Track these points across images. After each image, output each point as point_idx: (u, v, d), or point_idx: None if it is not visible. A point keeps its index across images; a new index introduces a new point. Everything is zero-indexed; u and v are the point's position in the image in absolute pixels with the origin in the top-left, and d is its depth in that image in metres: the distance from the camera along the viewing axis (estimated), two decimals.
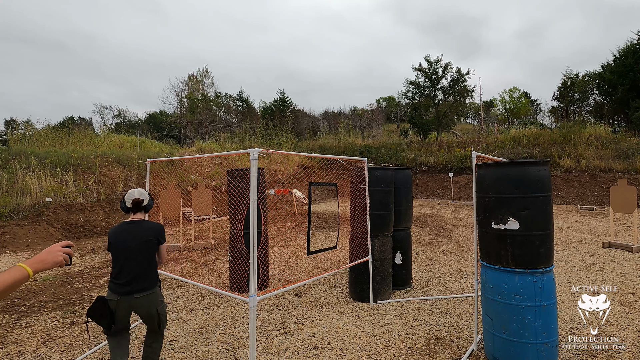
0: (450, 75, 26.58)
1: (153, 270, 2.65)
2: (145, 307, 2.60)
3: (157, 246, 2.66)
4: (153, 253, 2.64)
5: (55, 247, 1.48)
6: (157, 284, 2.70)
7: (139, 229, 2.60)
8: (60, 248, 1.47)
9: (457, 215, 12.43)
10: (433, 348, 3.35)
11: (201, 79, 33.80)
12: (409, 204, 5.19)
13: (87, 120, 33.91)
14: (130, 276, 2.53)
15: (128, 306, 2.57)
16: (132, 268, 2.53)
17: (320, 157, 4.26)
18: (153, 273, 2.65)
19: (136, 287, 2.54)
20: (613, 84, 22.22)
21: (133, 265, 2.54)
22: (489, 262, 3.07)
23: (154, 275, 2.66)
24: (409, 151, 22.59)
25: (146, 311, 2.62)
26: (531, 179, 2.87)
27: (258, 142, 23.53)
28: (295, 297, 4.76)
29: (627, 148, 16.08)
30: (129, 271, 2.53)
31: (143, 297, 2.57)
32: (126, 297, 2.52)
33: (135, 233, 2.58)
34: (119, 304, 2.54)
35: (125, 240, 2.55)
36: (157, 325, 2.70)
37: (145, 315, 2.64)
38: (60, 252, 1.46)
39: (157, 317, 2.67)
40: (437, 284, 5.25)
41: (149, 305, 2.61)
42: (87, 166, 12.44)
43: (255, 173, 2.73)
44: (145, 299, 2.58)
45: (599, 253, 6.73)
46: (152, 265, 2.63)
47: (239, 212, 4.72)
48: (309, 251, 3.82)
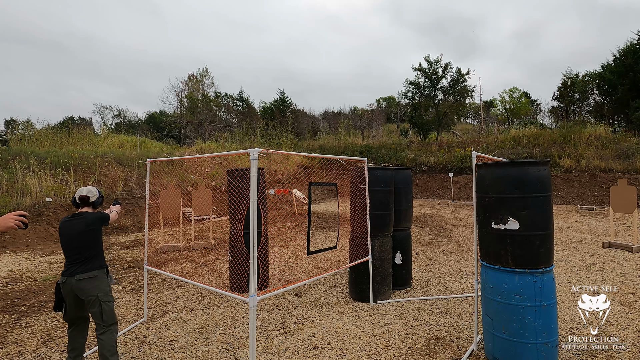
0: (450, 75, 26.57)
1: (94, 255, 2.86)
2: (86, 291, 2.75)
3: (98, 231, 2.91)
4: (93, 239, 2.86)
5: (9, 215, 1.74)
6: (101, 270, 2.87)
7: (78, 219, 2.86)
8: (12, 216, 1.72)
9: (457, 215, 12.43)
10: (433, 348, 3.35)
11: (201, 79, 33.78)
12: (409, 204, 5.19)
13: (87, 120, 33.89)
14: (71, 260, 2.80)
15: (71, 289, 2.78)
16: (73, 253, 2.81)
17: (320, 157, 4.26)
18: (94, 258, 2.85)
19: (78, 269, 2.77)
20: (613, 84, 22.21)
21: (74, 251, 2.81)
22: (489, 262, 3.07)
23: (96, 260, 2.86)
24: (409, 151, 22.59)
25: (87, 295, 2.76)
26: (531, 179, 2.87)
27: (258, 142, 23.53)
28: (295, 297, 4.76)
29: (627, 148, 16.07)
30: (70, 256, 2.81)
31: (84, 281, 2.76)
32: (69, 278, 2.76)
33: (75, 222, 2.85)
34: (64, 286, 2.79)
35: (67, 229, 2.84)
36: (100, 315, 2.77)
37: (87, 301, 2.78)
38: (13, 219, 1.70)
39: (98, 304, 2.77)
40: (437, 284, 5.25)
41: (90, 290, 2.76)
42: (87, 166, 12.44)
43: (255, 173, 2.73)
44: (86, 282, 2.76)
45: (599, 253, 6.73)
46: (92, 251, 2.85)
47: (239, 212, 4.72)
48: (309, 251, 3.82)
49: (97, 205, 3.02)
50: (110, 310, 2.83)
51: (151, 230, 9.26)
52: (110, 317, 2.83)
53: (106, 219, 2.98)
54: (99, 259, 2.90)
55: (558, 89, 29.12)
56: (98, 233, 2.92)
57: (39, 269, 6.44)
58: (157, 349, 3.43)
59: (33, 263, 6.85)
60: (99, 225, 2.91)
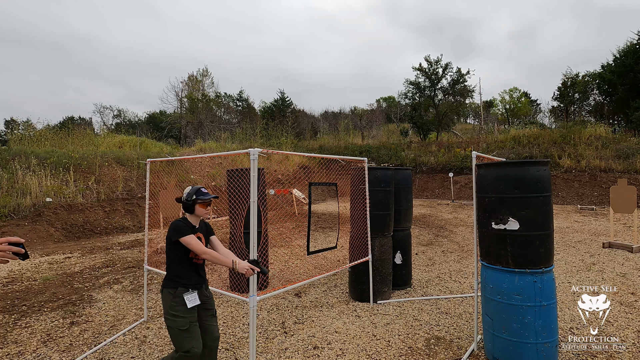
0: (450, 75, 26.59)
1: (168, 269, 2.52)
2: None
3: (171, 245, 2.47)
4: (169, 252, 2.49)
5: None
6: (167, 288, 2.46)
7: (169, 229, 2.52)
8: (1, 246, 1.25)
9: (457, 215, 12.43)
10: (433, 348, 3.35)
11: (201, 79, 33.82)
12: (409, 204, 5.19)
13: (87, 121, 33.91)
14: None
15: None
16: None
17: (320, 157, 4.26)
18: (168, 273, 2.51)
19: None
20: (613, 84, 22.21)
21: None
22: (489, 262, 3.07)
23: (168, 275, 2.51)
24: (409, 151, 22.59)
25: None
26: (531, 179, 2.87)
27: (258, 142, 23.53)
28: (295, 297, 4.76)
29: (627, 148, 16.07)
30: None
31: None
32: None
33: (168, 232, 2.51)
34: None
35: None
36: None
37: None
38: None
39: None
40: (437, 284, 5.25)
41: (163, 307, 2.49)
42: (87, 166, 12.44)
43: (255, 173, 2.73)
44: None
45: (599, 253, 6.73)
46: (168, 265, 2.52)
47: (239, 212, 4.72)
48: (309, 251, 3.82)
49: (186, 207, 2.56)
50: (174, 336, 2.39)
51: (151, 230, 9.26)
52: (175, 342, 2.39)
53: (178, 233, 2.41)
54: (170, 274, 2.50)
55: (558, 89, 29.14)
56: (172, 244, 2.46)
57: (39, 269, 6.44)
58: (157, 349, 3.43)
59: (33, 263, 6.85)
60: (172, 236, 2.44)
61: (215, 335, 2.58)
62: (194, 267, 2.51)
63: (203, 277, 2.59)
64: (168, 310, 2.40)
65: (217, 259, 2.43)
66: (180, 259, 2.47)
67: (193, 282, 2.48)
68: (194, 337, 2.39)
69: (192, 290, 2.46)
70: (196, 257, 2.51)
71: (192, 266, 2.50)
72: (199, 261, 2.55)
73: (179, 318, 2.37)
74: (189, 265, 2.49)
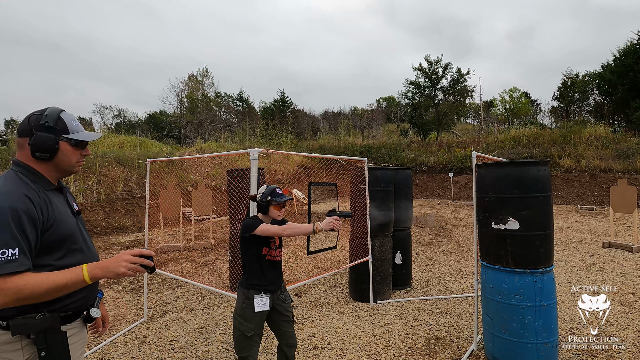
0: (450, 75, 26.60)
1: (244, 269, 2.40)
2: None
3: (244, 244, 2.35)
4: (244, 253, 2.38)
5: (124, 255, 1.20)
6: (242, 285, 2.37)
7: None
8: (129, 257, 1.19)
9: (457, 215, 12.43)
10: (433, 348, 3.35)
11: (201, 79, 33.80)
12: (409, 204, 5.19)
13: (87, 120, 33.86)
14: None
15: None
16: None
17: (320, 157, 4.26)
18: (244, 273, 2.40)
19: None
20: (613, 84, 22.22)
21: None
22: (489, 262, 3.08)
23: (244, 275, 2.40)
24: (409, 151, 22.60)
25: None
26: (531, 179, 2.87)
27: (258, 142, 23.52)
28: (295, 297, 4.76)
29: (627, 148, 16.08)
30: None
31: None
32: None
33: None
34: None
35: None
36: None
37: None
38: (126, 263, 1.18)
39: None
40: (437, 284, 5.26)
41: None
42: (87, 166, 12.44)
43: (255, 173, 2.73)
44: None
45: (599, 253, 6.73)
46: (244, 265, 2.41)
47: (239, 212, 4.72)
48: (309, 251, 3.82)
49: (260, 207, 2.40)
50: (236, 338, 2.30)
51: (151, 230, 9.26)
52: (236, 344, 2.31)
53: (250, 227, 2.25)
54: (245, 273, 2.38)
55: (558, 88, 29.15)
56: (244, 242, 2.33)
57: None
58: (157, 349, 3.43)
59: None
60: (243, 233, 2.31)
61: (289, 343, 2.46)
62: (269, 266, 2.37)
63: (278, 279, 2.46)
64: (238, 311, 2.32)
65: (298, 228, 2.31)
66: (255, 259, 2.35)
67: (266, 284, 2.34)
68: (254, 348, 2.31)
69: (264, 294, 2.32)
70: (270, 254, 2.38)
71: (266, 266, 2.36)
72: (276, 258, 2.42)
73: (246, 322, 2.28)
74: (263, 265, 2.36)
